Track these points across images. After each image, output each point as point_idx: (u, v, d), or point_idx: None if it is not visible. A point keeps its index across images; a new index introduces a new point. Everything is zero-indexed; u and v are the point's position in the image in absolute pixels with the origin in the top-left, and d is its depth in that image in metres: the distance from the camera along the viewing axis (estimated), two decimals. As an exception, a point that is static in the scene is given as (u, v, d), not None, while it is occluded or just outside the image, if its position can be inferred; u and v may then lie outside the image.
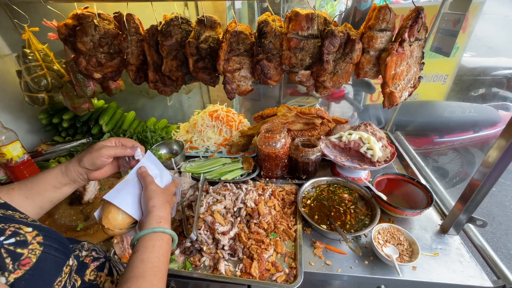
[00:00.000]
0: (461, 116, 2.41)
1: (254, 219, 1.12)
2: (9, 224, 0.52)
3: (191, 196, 1.25)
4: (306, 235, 1.14)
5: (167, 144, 1.60)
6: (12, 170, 1.40)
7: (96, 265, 0.72)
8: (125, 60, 1.36)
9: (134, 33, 1.32)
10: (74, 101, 1.54)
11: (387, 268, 0.99)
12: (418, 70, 1.31)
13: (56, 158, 1.65)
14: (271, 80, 1.31)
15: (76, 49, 1.28)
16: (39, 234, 0.54)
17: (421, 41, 1.22)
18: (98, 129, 1.77)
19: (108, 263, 0.77)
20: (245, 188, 1.27)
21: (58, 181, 0.78)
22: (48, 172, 0.78)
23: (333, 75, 1.26)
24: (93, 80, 1.42)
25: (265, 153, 1.34)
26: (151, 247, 0.66)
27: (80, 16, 1.24)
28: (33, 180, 0.76)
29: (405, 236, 1.05)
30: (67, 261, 0.57)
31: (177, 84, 1.42)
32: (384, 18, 1.11)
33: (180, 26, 1.28)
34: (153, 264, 0.64)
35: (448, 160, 2.74)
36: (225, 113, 1.76)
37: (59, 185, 0.78)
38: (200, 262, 1.02)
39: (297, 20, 1.15)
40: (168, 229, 0.72)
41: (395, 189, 1.29)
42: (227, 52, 1.25)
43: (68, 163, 0.80)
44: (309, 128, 1.59)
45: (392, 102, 1.25)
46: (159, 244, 0.68)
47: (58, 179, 0.78)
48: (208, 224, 1.08)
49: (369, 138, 1.32)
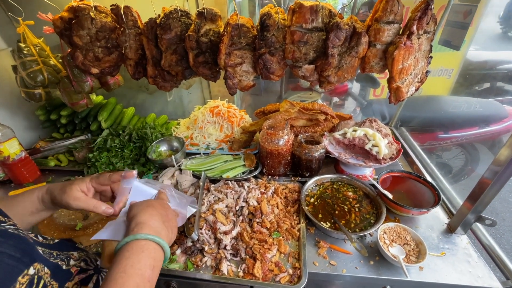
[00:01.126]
0: (467, 111, 2.37)
1: (257, 218, 1.10)
2: None
3: (192, 195, 1.23)
4: (310, 234, 1.11)
5: (167, 141, 1.56)
6: (10, 168, 1.38)
7: (82, 277, 0.68)
8: (123, 55, 1.32)
9: (132, 27, 1.27)
10: (72, 97, 1.51)
11: (394, 268, 0.97)
12: (426, 64, 1.27)
13: (55, 155, 1.63)
14: (274, 75, 1.27)
15: (72, 43, 1.24)
16: None
17: (430, 34, 1.17)
18: (97, 125, 1.73)
19: (97, 276, 0.73)
20: (247, 186, 1.25)
21: (35, 207, 0.74)
22: (26, 197, 0.74)
23: (338, 69, 1.22)
24: (90, 75, 1.38)
25: (268, 150, 1.31)
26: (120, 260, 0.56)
27: (76, 9, 1.19)
28: (12, 202, 0.72)
29: (411, 235, 1.03)
30: (25, 270, 0.52)
31: (177, 79, 1.38)
32: (392, 9, 1.06)
33: (180, 19, 1.23)
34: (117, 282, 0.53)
35: (452, 155, 2.71)
36: (226, 109, 1.72)
37: (36, 211, 0.74)
38: (201, 263, 1.00)
39: (301, 12, 1.10)
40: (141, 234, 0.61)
41: (400, 186, 1.26)
42: (228, 46, 1.20)
43: (45, 192, 0.75)
44: (312, 124, 1.55)
45: (399, 97, 1.21)
46: (127, 255, 0.57)
47: (35, 205, 0.74)
48: (209, 223, 1.06)
49: (375, 134, 1.28)
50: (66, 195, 0.71)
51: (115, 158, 1.46)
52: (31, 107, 1.74)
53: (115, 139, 1.52)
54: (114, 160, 1.45)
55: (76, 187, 0.73)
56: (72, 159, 1.60)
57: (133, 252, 0.58)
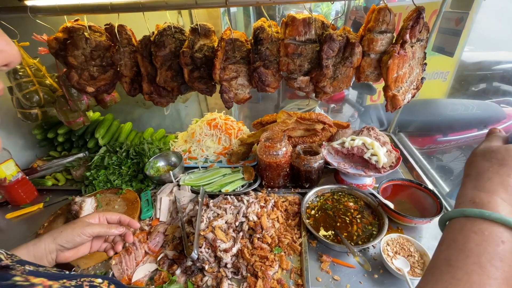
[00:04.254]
0: (465, 113, 2.36)
1: (257, 234, 1.08)
2: (79, 279, 0.49)
3: (191, 211, 1.21)
4: (311, 248, 1.09)
5: (165, 156, 1.55)
6: (6, 190, 1.37)
7: None
8: (118, 72, 1.32)
9: (127, 45, 1.28)
10: (68, 116, 1.50)
11: (398, 282, 0.94)
12: (421, 71, 1.27)
13: (52, 174, 1.61)
14: (269, 87, 1.27)
15: (67, 63, 1.25)
16: (110, 283, 0.52)
17: (423, 41, 1.18)
18: (94, 142, 1.73)
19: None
20: (247, 200, 1.23)
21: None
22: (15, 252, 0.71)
23: (333, 80, 1.22)
24: (86, 94, 1.38)
25: (266, 162, 1.30)
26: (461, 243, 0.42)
27: (70, 29, 1.20)
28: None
29: (415, 246, 1.01)
30: None
31: (172, 94, 1.38)
32: (384, 20, 1.07)
33: (174, 36, 1.24)
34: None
35: (452, 158, 2.69)
36: (224, 121, 1.72)
37: None
38: (202, 282, 0.97)
39: (293, 25, 1.11)
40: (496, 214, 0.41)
41: (402, 195, 1.25)
42: (223, 61, 1.21)
43: (39, 240, 0.74)
44: (310, 134, 1.54)
45: (395, 105, 1.21)
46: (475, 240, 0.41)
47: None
48: (209, 241, 1.04)
49: (373, 143, 1.28)
50: (78, 226, 0.74)
51: (112, 175, 1.44)
52: (28, 126, 1.74)
53: (112, 156, 1.51)
54: (111, 177, 1.43)
55: (84, 218, 0.78)
56: (69, 178, 1.59)
57: (488, 239, 0.40)
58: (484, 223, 0.41)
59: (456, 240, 0.43)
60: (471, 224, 0.42)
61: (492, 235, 0.40)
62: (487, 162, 0.48)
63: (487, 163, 0.48)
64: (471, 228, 0.42)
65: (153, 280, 1.00)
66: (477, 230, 0.41)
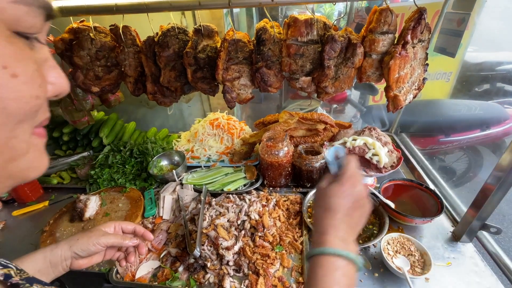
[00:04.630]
0: (468, 114, 2.36)
1: (259, 232, 1.09)
2: None
3: (193, 210, 1.22)
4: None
5: (168, 155, 1.57)
6: (13, 187, 1.39)
7: None
8: (123, 73, 1.34)
9: (131, 45, 1.30)
10: (73, 115, 1.53)
11: (399, 280, 0.95)
12: (422, 72, 1.27)
13: (58, 172, 1.64)
14: (272, 87, 1.28)
15: (73, 63, 1.27)
16: None
17: (425, 42, 1.18)
18: (98, 141, 1.75)
19: None
20: (249, 199, 1.24)
21: (37, 269, 0.71)
22: (30, 259, 0.72)
23: (335, 80, 1.23)
24: (91, 93, 1.40)
25: (268, 162, 1.31)
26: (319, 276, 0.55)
27: (76, 30, 1.22)
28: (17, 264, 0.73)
29: (416, 246, 1.01)
30: None
31: (176, 94, 1.40)
32: (386, 20, 1.08)
33: (177, 36, 1.26)
34: None
35: (455, 159, 2.69)
36: (226, 121, 1.73)
37: (39, 274, 0.71)
38: (204, 279, 0.99)
39: (296, 26, 1.12)
40: (330, 249, 0.57)
41: (402, 194, 1.25)
42: (226, 61, 1.22)
43: (55, 246, 0.74)
44: (312, 134, 1.55)
45: (397, 105, 1.21)
46: (321, 272, 0.55)
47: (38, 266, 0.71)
48: (211, 239, 1.05)
49: (374, 143, 1.28)
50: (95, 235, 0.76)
51: (116, 174, 1.47)
52: (34, 125, 1.76)
53: (116, 155, 1.53)
54: (115, 176, 1.46)
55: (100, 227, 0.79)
56: (74, 176, 1.61)
57: (327, 269, 0.55)
58: (324, 258, 0.56)
59: (310, 274, 0.57)
60: (317, 260, 0.57)
61: (330, 265, 0.55)
62: (319, 209, 0.65)
63: (320, 210, 0.64)
64: (318, 263, 0.56)
65: (156, 277, 1.02)
66: (321, 264, 0.56)
